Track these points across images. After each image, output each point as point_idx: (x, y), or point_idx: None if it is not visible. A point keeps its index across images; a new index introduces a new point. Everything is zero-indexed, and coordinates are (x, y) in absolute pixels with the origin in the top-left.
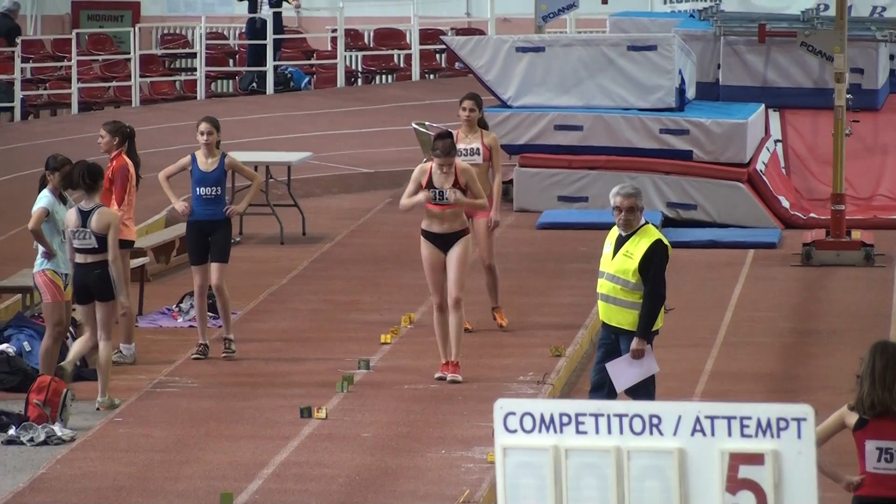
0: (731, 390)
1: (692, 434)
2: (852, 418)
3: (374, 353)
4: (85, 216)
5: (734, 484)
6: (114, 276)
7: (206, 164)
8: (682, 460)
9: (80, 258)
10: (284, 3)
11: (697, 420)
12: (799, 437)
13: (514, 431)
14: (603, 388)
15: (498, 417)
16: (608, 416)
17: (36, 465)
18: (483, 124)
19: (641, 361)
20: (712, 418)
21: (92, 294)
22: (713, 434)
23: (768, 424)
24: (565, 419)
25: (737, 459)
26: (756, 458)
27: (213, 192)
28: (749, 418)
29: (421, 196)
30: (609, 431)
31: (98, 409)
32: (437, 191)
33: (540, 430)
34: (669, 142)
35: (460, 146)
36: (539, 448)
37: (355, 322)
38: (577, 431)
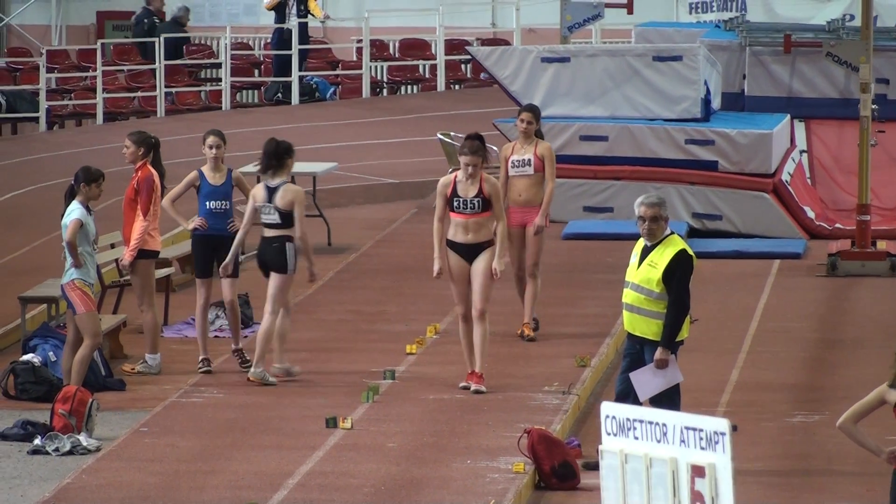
0: (757, 401)
1: (679, 444)
2: (892, 395)
3: (400, 364)
4: (271, 192)
5: (694, 495)
6: (300, 248)
7: (214, 177)
8: (675, 469)
9: (265, 232)
10: (310, 14)
11: (682, 430)
12: (724, 451)
13: (609, 434)
14: (628, 398)
15: (602, 420)
16: (645, 424)
17: (61, 474)
18: (539, 134)
19: (665, 371)
20: (688, 429)
21: (268, 266)
22: (687, 445)
23: (710, 437)
24: (628, 424)
25: (693, 472)
26: (701, 471)
27: (223, 206)
28: (702, 430)
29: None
30: (648, 439)
31: (249, 379)
32: (461, 199)
33: (617, 434)
34: (695, 152)
35: (514, 157)
36: (614, 452)
37: (380, 332)
38: (634, 437)
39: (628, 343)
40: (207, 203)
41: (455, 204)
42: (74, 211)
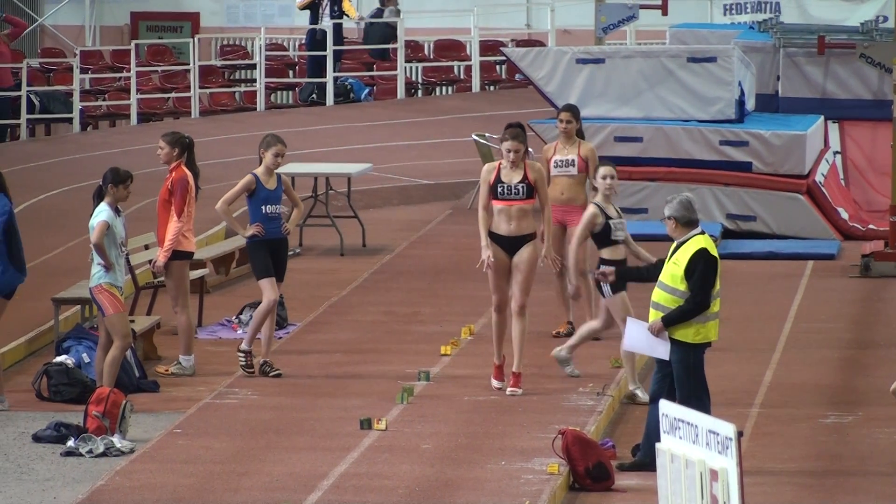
0: (790, 401)
1: (705, 447)
2: None
3: (435, 365)
4: None
5: (713, 500)
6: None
7: (269, 182)
8: (703, 472)
9: None
10: (345, 15)
11: (707, 433)
12: (731, 456)
13: (665, 433)
14: (655, 399)
15: (660, 418)
16: (685, 424)
17: (95, 476)
18: (581, 134)
19: (656, 339)
20: (710, 432)
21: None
22: (710, 448)
23: (723, 442)
24: (676, 423)
25: (711, 475)
26: (716, 475)
27: (277, 211)
28: (718, 434)
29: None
30: (687, 439)
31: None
32: (504, 185)
33: (669, 432)
34: (729, 153)
35: (557, 157)
36: (664, 451)
37: (415, 333)
38: (679, 437)
39: None
40: (264, 208)
41: (499, 190)
42: (102, 213)
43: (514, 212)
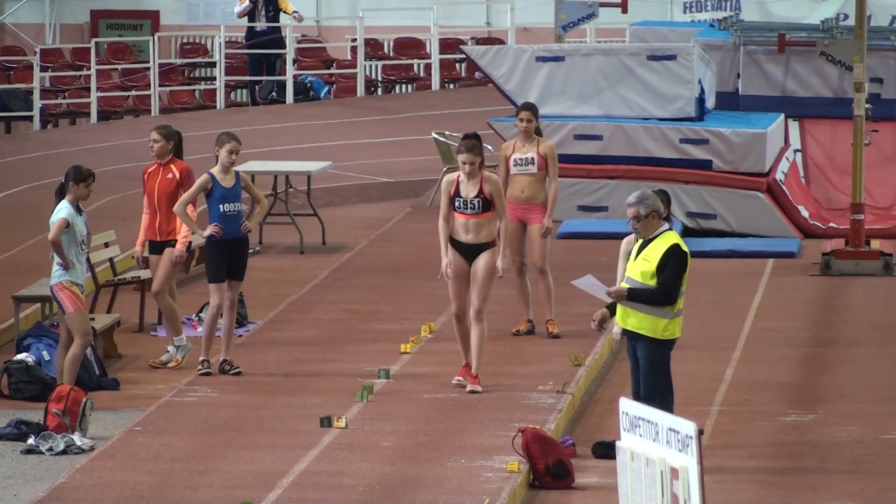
0: (750, 399)
1: (666, 445)
2: None
3: (394, 363)
4: None
5: (673, 498)
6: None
7: (225, 180)
8: (663, 470)
9: None
10: (282, 14)
11: (667, 431)
12: (692, 454)
13: (625, 430)
14: (637, 396)
15: (619, 415)
16: (645, 422)
17: (55, 474)
18: (539, 132)
19: (599, 285)
20: (670, 430)
21: None
22: (671, 446)
23: (684, 440)
24: (636, 422)
25: (671, 474)
26: (676, 474)
27: (236, 209)
28: (679, 432)
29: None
30: (647, 437)
31: None
32: (462, 199)
33: (629, 430)
34: (689, 151)
35: (516, 156)
36: (625, 449)
37: (375, 331)
38: (639, 435)
39: (627, 343)
40: (221, 206)
41: (457, 204)
42: (62, 210)
43: (472, 225)
